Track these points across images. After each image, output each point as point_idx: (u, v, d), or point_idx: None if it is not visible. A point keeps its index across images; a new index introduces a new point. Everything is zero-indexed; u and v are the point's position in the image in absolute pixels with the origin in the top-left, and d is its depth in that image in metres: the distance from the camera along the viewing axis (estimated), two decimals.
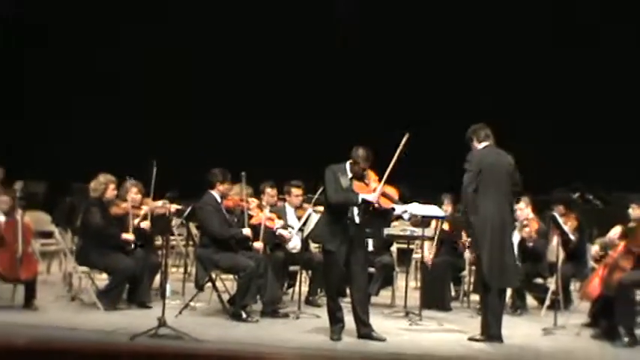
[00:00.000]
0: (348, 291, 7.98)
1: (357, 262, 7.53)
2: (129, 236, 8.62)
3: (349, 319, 7.58)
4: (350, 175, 7.50)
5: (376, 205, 7.42)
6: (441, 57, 14.61)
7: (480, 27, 14.46)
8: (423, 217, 8.77)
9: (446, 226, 9.77)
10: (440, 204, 9.49)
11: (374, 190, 7.44)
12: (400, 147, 7.47)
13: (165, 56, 15.02)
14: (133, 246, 8.69)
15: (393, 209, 7.68)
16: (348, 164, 7.54)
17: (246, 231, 8.54)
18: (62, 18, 15.33)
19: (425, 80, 14.48)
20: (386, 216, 7.97)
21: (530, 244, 9.10)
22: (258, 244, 8.68)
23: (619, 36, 13.89)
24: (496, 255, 7.45)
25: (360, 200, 7.39)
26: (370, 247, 8.89)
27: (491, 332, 7.48)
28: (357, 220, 7.50)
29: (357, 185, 7.46)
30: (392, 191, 7.58)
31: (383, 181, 7.47)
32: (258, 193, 9.29)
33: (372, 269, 8.88)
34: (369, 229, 8.15)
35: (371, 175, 7.55)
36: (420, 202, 8.48)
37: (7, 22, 15.34)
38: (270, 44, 15.14)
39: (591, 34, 14.02)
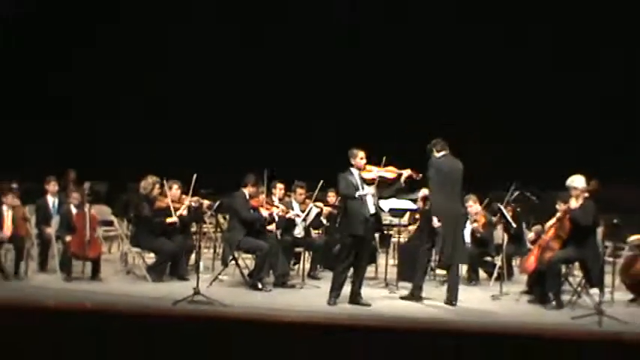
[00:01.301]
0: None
1: (366, 245, 7.56)
2: (172, 219, 8.63)
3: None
4: (356, 172, 7.49)
5: (374, 181, 7.43)
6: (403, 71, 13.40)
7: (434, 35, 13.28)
8: (401, 210, 8.85)
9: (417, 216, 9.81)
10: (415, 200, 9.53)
11: (373, 178, 7.47)
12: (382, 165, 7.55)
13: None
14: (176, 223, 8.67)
15: (399, 176, 7.53)
16: (351, 169, 7.53)
17: (265, 213, 8.58)
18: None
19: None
20: (391, 185, 7.87)
21: (479, 234, 9.15)
22: (271, 227, 8.70)
23: (551, 38, 13.09)
24: (450, 239, 7.60)
25: (356, 194, 7.39)
26: None
27: (447, 298, 7.65)
28: (372, 210, 7.48)
29: (363, 175, 7.47)
30: (391, 168, 7.55)
31: (382, 167, 7.56)
32: (269, 189, 9.26)
33: None
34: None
35: (370, 166, 7.54)
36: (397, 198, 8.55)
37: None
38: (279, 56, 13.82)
39: (529, 36, 13.18)
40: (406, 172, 7.51)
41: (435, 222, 7.64)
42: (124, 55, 14.07)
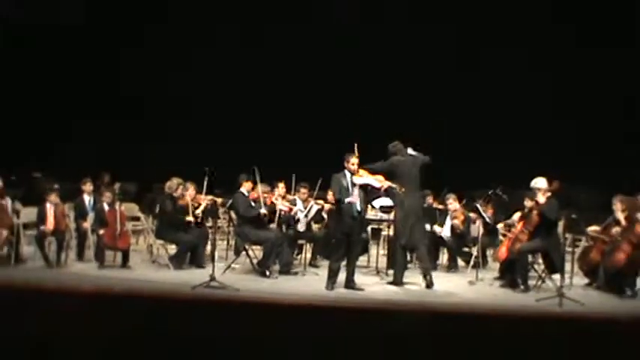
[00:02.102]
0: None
1: (355, 239, 7.57)
2: (190, 218, 8.65)
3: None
4: (348, 174, 7.52)
5: (364, 186, 7.46)
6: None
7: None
8: (388, 206, 8.84)
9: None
10: None
11: (362, 184, 7.50)
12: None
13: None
14: (194, 224, 8.67)
15: (380, 189, 7.66)
16: (344, 170, 7.56)
17: (263, 210, 8.49)
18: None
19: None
20: (374, 195, 7.95)
21: (459, 230, 9.13)
22: (262, 210, 8.50)
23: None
24: (410, 228, 7.67)
25: (345, 201, 7.41)
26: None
27: (426, 284, 7.69)
28: (359, 209, 7.50)
29: (354, 179, 7.50)
30: (379, 177, 7.58)
31: (372, 175, 7.57)
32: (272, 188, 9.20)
33: None
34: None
35: (362, 171, 7.58)
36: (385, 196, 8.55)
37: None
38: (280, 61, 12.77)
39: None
40: (386, 184, 7.58)
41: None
42: (151, 56, 13.42)
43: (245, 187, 8.59)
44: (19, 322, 2.96)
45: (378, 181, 7.54)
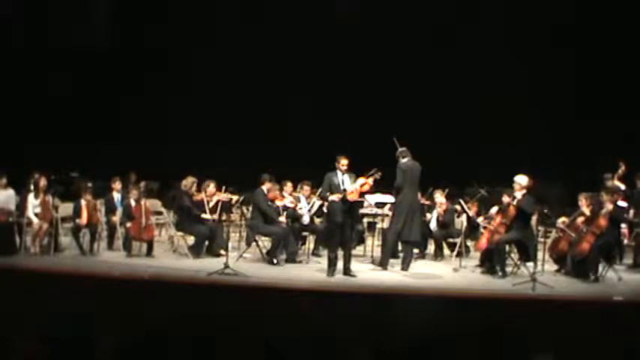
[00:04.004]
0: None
1: (348, 229, 7.56)
2: (207, 216, 8.64)
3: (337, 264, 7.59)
4: (339, 173, 7.53)
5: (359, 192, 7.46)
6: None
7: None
8: (382, 202, 8.84)
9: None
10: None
11: (355, 190, 7.48)
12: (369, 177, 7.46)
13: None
14: (211, 220, 8.68)
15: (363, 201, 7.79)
16: (337, 170, 7.56)
17: (280, 204, 8.52)
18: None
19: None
20: (361, 203, 7.99)
21: (442, 219, 9.11)
22: (282, 219, 8.60)
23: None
24: (409, 222, 7.75)
25: (327, 198, 7.47)
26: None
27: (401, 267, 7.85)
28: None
29: (346, 180, 7.50)
30: (367, 187, 7.55)
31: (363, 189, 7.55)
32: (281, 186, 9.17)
33: None
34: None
35: (357, 178, 7.57)
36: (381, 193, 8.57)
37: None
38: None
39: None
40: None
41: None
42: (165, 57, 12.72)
43: (266, 186, 8.58)
44: (61, 299, 3.00)
45: (358, 193, 7.54)
